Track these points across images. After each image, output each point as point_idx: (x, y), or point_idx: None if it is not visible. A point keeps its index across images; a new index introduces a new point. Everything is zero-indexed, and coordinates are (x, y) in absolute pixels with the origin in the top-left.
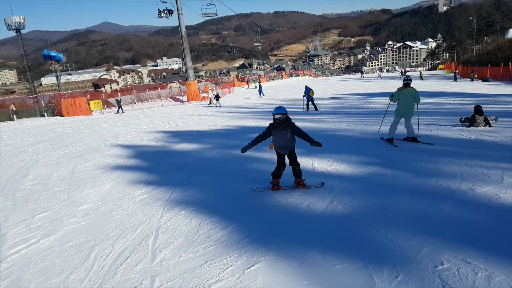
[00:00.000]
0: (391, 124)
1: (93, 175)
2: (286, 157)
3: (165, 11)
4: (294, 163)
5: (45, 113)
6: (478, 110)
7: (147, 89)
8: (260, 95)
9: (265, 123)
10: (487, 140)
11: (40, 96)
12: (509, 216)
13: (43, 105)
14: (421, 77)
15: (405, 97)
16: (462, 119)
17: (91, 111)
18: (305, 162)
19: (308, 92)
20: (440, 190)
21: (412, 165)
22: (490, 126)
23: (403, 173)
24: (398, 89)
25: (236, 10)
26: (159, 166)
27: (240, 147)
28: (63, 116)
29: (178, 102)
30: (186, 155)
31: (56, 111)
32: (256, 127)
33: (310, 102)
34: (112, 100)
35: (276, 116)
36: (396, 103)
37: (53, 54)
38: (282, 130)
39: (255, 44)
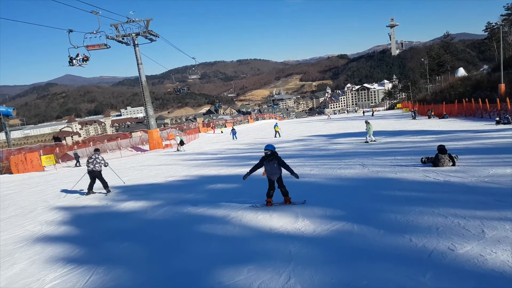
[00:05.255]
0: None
1: (8, 251)
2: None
3: (78, 58)
4: (282, 186)
5: None
6: (441, 149)
7: (105, 140)
8: (233, 138)
9: (226, 171)
10: (455, 182)
11: None
12: (501, 285)
13: None
14: (373, 114)
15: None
16: (423, 159)
17: (44, 166)
18: (262, 219)
19: (275, 126)
20: (415, 253)
21: (381, 217)
22: (454, 164)
23: (371, 229)
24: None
25: (201, 59)
26: (90, 234)
27: (194, 201)
28: (12, 174)
29: (140, 152)
30: (127, 217)
31: (4, 169)
32: (216, 176)
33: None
34: (71, 153)
35: (265, 151)
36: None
37: (2, 109)
38: (270, 161)
39: (192, 77)
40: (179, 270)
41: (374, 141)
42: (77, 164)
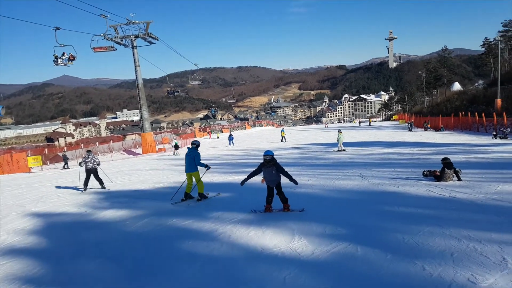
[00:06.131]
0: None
1: None
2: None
3: (64, 58)
4: (280, 193)
5: None
6: (447, 163)
7: (97, 142)
8: (230, 143)
9: (219, 178)
10: (463, 199)
11: None
12: None
13: None
14: (370, 124)
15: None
16: (425, 173)
17: (30, 168)
18: (254, 235)
19: (281, 132)
20: (431, 285)
21: (387, 238)
22: (459, 179)
23: (377, 253)
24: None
25: (201, 64)
26: (59, 247)
27: (180, 212)
28: None
29: (131, 155)
30: (104, 228)
31: None
32: (208, 184)
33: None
34: (61, 155)
35: (265, 157)
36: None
37: None
38: (269, 167)
39: (193, 83)
40: None
41: (344, 150)
42: (65, 166)
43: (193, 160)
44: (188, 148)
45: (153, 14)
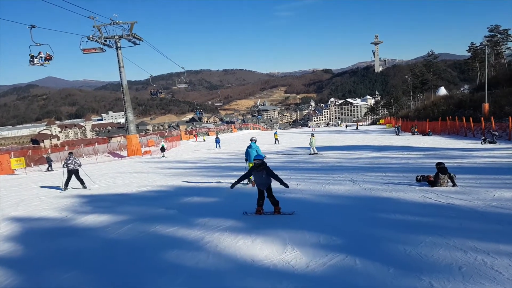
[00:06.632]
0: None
1: None
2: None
3: (40, 57)
4: (271, 196)
5: None
6: (442, 168)
7: (82, 145)
8: (217, 146)
9: (206, 182)
10: (461, 206)
11: None
12: None
13: None
14: (357, 128)
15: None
16: (419, 178)
17: (14, 170)
18: (243, 245)
19: (274, 134)
20: None
21: (386, 249)
22: (455, 185)
23: (378, 266)
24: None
25: (186, 66)
26: (35, 256)
27: (165, 218)
28: None
29: (117, 158)
30: (85, 235)
31: None
32: (194, 188)
33: (276, 141)
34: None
35: (255, 161)
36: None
37: None
38: (259, 171)
39: (180, 86)
40: None
41: (317, 153)
42: (49, 169)
43: (256, 151)
44: (250, 143)
45: (138, 15)
